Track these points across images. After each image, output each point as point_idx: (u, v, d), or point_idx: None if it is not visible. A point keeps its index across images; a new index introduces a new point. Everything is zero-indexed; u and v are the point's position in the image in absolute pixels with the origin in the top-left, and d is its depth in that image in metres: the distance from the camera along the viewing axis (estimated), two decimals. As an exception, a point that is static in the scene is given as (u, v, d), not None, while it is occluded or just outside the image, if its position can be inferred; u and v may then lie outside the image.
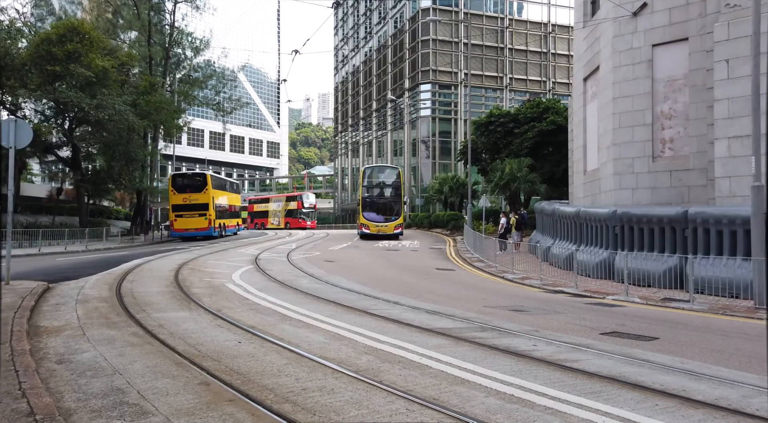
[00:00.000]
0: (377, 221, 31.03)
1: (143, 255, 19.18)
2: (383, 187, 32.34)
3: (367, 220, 31.18)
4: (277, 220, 61.08)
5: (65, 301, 9.11)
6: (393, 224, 31.18)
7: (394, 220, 31.34)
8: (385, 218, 31.24)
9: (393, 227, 31.13)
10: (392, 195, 32.00)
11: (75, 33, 25.29)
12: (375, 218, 31.22)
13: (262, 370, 5.14)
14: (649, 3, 15.44)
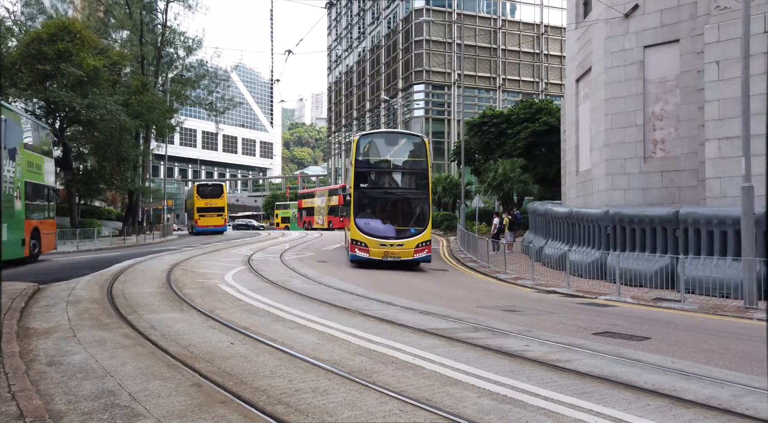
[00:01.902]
0: (385, 236, 16.50)
1: (135, 255, 19.06)
2: (395, 172, 17.63)
3: (364, 234, 16.43)
4: (321, 219, 52.35)
5: (56, 302, 9.03)
6: (413, 241, 16.44)
7: (416, 235, 16.55)
8: (398, 231, 16.77)
9: (414, 247, 16.41)
10: (413, 186, 17.14)
11: (66, 32, 25.10)
12: (379, 230, 16.60)
13: (254, 372, 5.12)
14: (641, 5, 15.55)
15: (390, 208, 17.32)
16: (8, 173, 14.28)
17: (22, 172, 15.31)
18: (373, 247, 16.29)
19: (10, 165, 14.43)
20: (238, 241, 30.62)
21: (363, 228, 16.50)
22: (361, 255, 16.44)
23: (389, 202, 17.29)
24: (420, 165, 17.12)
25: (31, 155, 16.22)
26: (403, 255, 16.39)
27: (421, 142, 17.38)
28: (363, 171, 17.02)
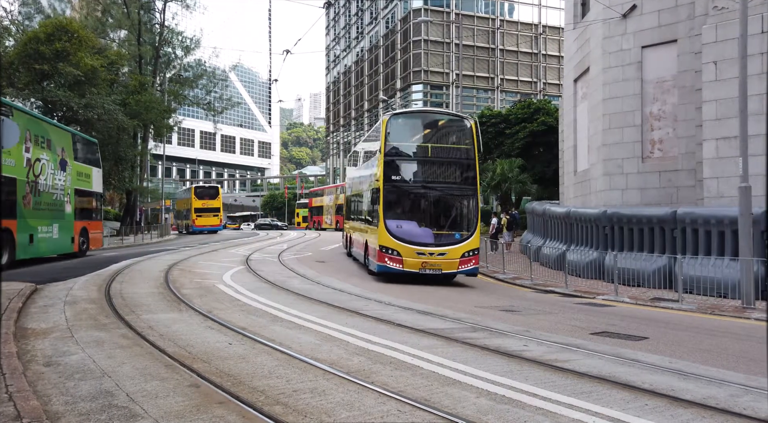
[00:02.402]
0: (423, 243, 12.94)
1: (133, 255, 19.03)
2: (436, 162, 13.82)
3: (396, 240, 12.91)
4: (330, 218, 50.81)
5: (53, 302, 9.01)
6: (459, 249, 12.95)
7: (461, 241, 13.08)
8: (438, 236, 13.19)
9: (459, 257, 12.91)
10: (457, 180, 13.58)
11: (63, 32, 25.02)
12: (416, 235, 13.08)
13: (252, 372, 5.11)
14: (639, 5, 15.57)
15: (429, 206, 13.50)
16: (60, 181, 16.99)
17: (71, 180, 17.99)
18: (407, 256, 12.52)
19: (61, 174, 17.11)
20: (236, 241, 30.60)
21: (395, 232, 12.64)
22: (392, 266, 12.58)
23: (428, 199, 13.42)
24: (466, 153, 13.33)
25: (79, 166, 18.80)
26: (446, 267, 12.57)
27: (467, 125, 13.34)
28: (394, 160, 13.27)
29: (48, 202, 16.22)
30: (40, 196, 15.62)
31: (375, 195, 13.56)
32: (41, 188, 15.67)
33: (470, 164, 13.36)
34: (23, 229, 14.57)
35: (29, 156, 14.96)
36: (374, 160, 14.27)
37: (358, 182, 17.96)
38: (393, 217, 13.06)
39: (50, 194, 16.34)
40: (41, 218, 15.77)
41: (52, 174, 16.41)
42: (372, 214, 13.96)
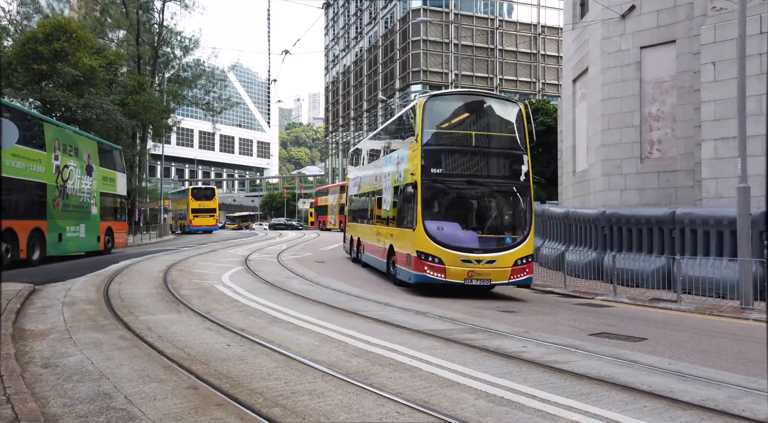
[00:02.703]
0: (468, 248, 10.86)
1: (131, 256, 19.01)
2: (482, 153, 11.68)
3: (438, 245, 10.83)
4: (333, 218, 49.77)
5: (51, 303, 8.99)
6: (511, 256, 10.94)
7: (513, 246, 11.09)
8: (485, 240, 11.25)
9: (511, 265, 10.90)
10: (507, 174, 11.61)
11: (62, 32, 24.99)
12: (461, 239, 11.03)
13: (251, 374, 5.11)
14: (637, 5, 15.58)
15: (475, 205, 11.69)
16: (86, 185, 18.76)
17: (97, 184, 19.82)
18: (451, 264, 10.54)
19: (87, 179, 18.88)
20: (235, 242, 30.58)
21: (436, 235, 10.70)
22: (433, 276, 10.65)
23: (474, 196, 11.53)
24: (516, 143, 11.43)
25: (105, 171, 20.67)
26: (496, 277, 10.68)
27: (517, 111, 11.57)
28: (434, 150, 11.15)
29: (75, 204, 17.91)
30: (68, 199, 17.30)
31: (409, 192, 11.39)
32: (69, 192, 17.40)
33: (521, 155, 11.42)
34: (53, 228, 16.31)
35: (58, 163, 16.75)
36: (402, 152, 12.47)
37: (371, 179, 15.77)
38: (433, 218, 11.00)
39: (77, 197, 18.08)
40: (69, 219, 17.44)
41: (79, 179, 18.20)
42: (402, 214, 11.90)
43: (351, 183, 19.64)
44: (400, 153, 12.69)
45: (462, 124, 12.10)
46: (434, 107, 11.78)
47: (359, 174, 18.02)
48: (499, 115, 12.03)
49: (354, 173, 19.36)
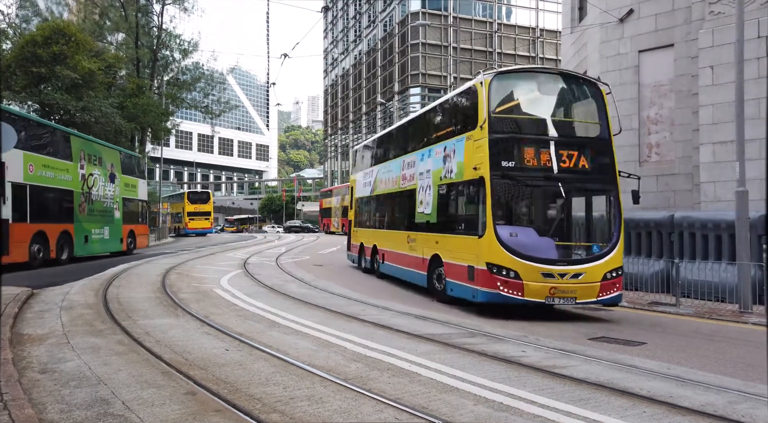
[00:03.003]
0: (550, 259, 8.91)
1: (130, 259, 18.97)
2: (559, 143, 9.30)
3: (513, 255, 8.73)
4: (337, 221, 48.40)
5: (49, 307, 8.97)
6: (599, 268, 8.90)
7: (601, 256, 9.04)
8: (566, 249, 9.51)
9: (599, 279, 8.85)
10: (589, 169, 9.38)
11: (61, 35, 25.00)
12: (539, 248, 9.02)
13: (249, 379, 5.09)
14: (636, 10, 15.63)
15: (553, 206, 9.99)
16: (109, 192, 20.45)
17: (120, 191, 21.45)
18: (530, 278, 8.59)
19: (110, 186, 20.57)
20: (233, 245, 30.55)
21: (510, 243, 8.75)
22: (508, 294, 8.65)
23: (553, 196, 9.74)
24: (601, 131, 9.56)
25: (127, 178, 22.37)
26: (582, 294, 8.76)
27: (598, 93, 9.65)
28: (505, 139, 9.24)
29: (100, 209, 19.61)
30: (93, 205, 18.99)
31: (469, 191, 9.49)
32: (94, 198, 19.10)
33: (606, 147, 9.49)
34: (79, 231, 18.02)
35: (83, 172, 18.44)
36: (451, 143, 10.32)
37: (393, 178, 13.80)
38: (505, 222, 9.12)
39: (101, 203, 19.77)
40: (94, 223, 19.14)
41: (102, 186, 19.86)
42: (458, 217, 9.97)
43: (359, 184, 17.38)
44: (448, 145, 10.53)
45: (536, 107, 10.04)
46: (502, 86, 9.70)
47: (373, 173, 15.89)
48: (580, 96, 10.08)
49: (363, 173, 17.15)
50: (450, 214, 10.57)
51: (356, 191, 17.77)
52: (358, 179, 17.69)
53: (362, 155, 18.06)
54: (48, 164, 16.20)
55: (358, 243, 17.13)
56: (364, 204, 16.93)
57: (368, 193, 16.22)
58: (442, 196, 10.79)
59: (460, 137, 10.13)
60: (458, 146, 10.14)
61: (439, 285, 10.71)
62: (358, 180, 17.66)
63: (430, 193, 11.27)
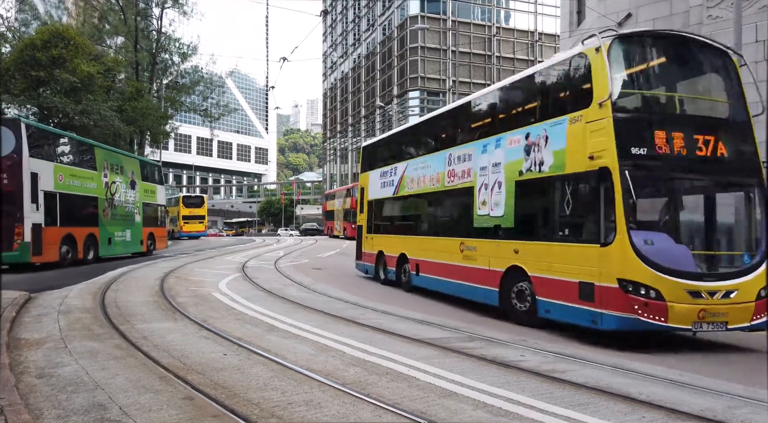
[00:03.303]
0: (697, 274, 7.03)
1: (128, 263, 18.94)
2: (697, 128, 7.49)
3: (655, 270, 6.80)
4: (339, 225, 46.34)
5: (47, 311, 8.94)
6: (753, 284, 7.00)
7: (753, 269, 7.10)
8: (712, 261, 7.63)
9: (754, 298, 6.98)
10: (733, 160, 7.57)
11: (60, 38, 25.02)
12: (683, 260, 7.07)
13: (247, 384, 5.07)
14: (634, 14, 15.68)
15: (693, 206, 8.12)
16: (130, 197, 22.00)
17: (140, 196, 22.89)
18: (674, 298, 6.81)
19: (131, 192, 22.07)
20: (232, 248, 30.51)
21: (649, 254, 6.92)
22: (649, 320, 6.80)
23: (687, 192, 8.18)
24: (734, 111, 7.90)
25: (146, 185, 24.04)
26: (735, 317, 6.97)
27: (731, 64, 8.00)
28: (635, 119, 7.60)
29: (122, 213, 21.20)
30: (115, 210, 20.60)
31: (583, 187, 7.68)
32: (116, 203, 20.66)
33: (746, 129, 7.74)
34: (103, 234, 19.55)
35: (107, 180, 19.99)
36: (543, 128, 8.43)
37: (433, 175, 11.91)
38: (638, 227, 7.12)
39: (123, 208, 21.34)
40: (117, 226, 20.77)
41: (124, 192, 21.40)
42: (576, 219, 7.84)
43: (373, 184, 15.25)
44: (533, 131, 8.68)
45: (665, 80, 8.34)
46: (624, 53, 7.82)
47: (396, 171, 13.82)
48: (714, 67, 8.24)
49: (379, 172, 14.92)
50: (540, 216, 8.82)
51: (369, 192, 15.49)
52: (372, 179, 15.43)
53: (376, 152, 16.14)
54: (75, 174, 17.91)
55: (374, 251, 14.87)
56: (384, 206, 14.78)
57: (390, 193, 14.05)
58: (524, 194, 8.90)
59: (557, 120, 8.15)
60: (554, 131, 8.16)
61: (521, 304, 8.78)
62: (372, 180, 15.40)
63: (501, 192, 9.35)
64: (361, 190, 16.28)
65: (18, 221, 14.76)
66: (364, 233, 15.87)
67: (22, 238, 14.81)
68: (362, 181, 16.35)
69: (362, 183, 16.32)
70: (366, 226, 15.75)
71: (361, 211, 16.17)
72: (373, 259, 15.00)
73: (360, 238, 16.17)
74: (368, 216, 15.69)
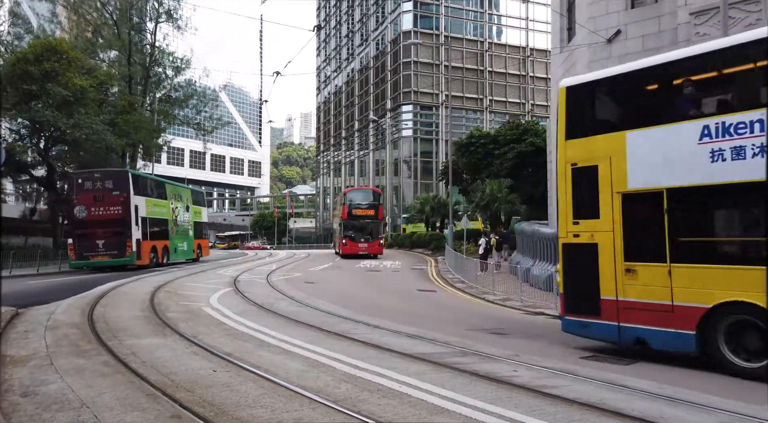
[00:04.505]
0: None
1: (119, 277, 18.74)
2: None
3: None
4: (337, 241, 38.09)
5: (34, 327, 8.81)
6: None
7: None
8: None
9: None
10: None
11: (53, 52, 25.01)
12: None
13: (237, 401, 5.00)
14: (623, 31, 15.90)
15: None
16: (186, 218, 29.00)
17: (191, 217, 29.91)
18: None
19: (186, 214, 29.02)
20: (224, 262, 30.31)
21: None
22: None
23: None
24: None
25: (195, 208, 30.95)
26: None
27: None
28: None
29: (182, 230, 28.27)
30: (178, 227, 27.58)
31: None
32: (179, 223, 27.76)
33: None
34: (172, 245, 26.45)
35: (173, 206, 26.82)
36: None
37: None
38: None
39: (182, 226, 28.36)
40: (179, 239, 27.73)
41: (182, 214, 28.33)
42: None
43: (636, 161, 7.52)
44: None
45: None
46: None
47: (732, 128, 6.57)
48: None
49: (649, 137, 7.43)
50: None
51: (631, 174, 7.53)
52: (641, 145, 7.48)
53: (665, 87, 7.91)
54: (156, 204, 24.83)
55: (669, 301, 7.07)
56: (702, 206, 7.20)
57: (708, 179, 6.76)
58: None
59: None
60: None
61: None
62: (640, 147, 7.48)
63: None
64: (580, 172, 8.40)
65: (128, 237, 21.76)
66: (605, 259, 7.72)
67: (132, 248, 21.83)
68: (589, 151, 8.25)
69: (587, 155, 8.29)
70: (617, 246, 7.58)
71: (595, 216, 7.97)
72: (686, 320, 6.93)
73: (589, 269, 7.94)
74: (626, 225, 7.57)
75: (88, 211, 21.74)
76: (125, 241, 21.63)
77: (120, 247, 21.56)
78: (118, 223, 21.60)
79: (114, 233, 21.59)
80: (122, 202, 21.83)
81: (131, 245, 21.76)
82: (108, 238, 21.52)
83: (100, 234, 21.52)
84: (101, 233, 21.52)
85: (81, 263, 22.02)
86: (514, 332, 9.70)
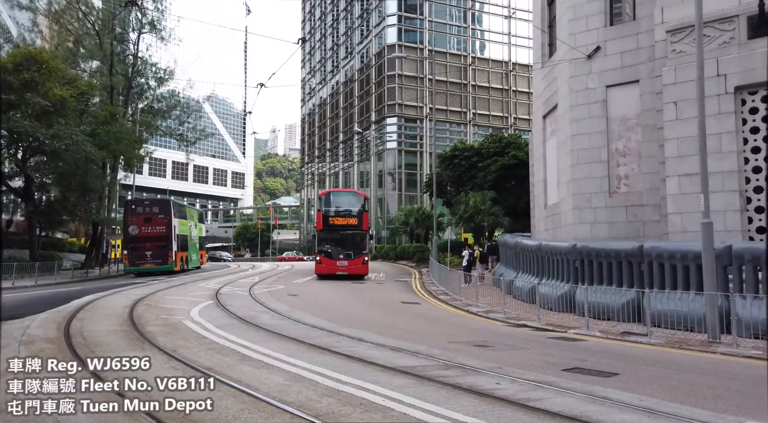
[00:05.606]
0: None
1: (97, 290, 18.38)
2: None
3: None
4: None
5: (8, 342, 8.57)
6: None
7: None
8: None
9: None
10: None
11: (32, 62, 24.67)
12: None
13: (216, 417, 4.91)
14: (603, 47, 16.25)
15: None
16: (195, 233, 34.73)
17: (197, 232, 35.78)
18: None
19: (195, 231, 34.82)
20: (205, 275, 29.93)
21: None
22: None
23: None
24: None
25: (200, 225, 37.68)
26: None
27: None
28: None
29: (193, 244, 34.08)
30: (191, 241, 33.45)
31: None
32: (192, 238, 33.55)
33: None
34: (189, 255, 32.65)
35: (190, 224, 32.93)
36: None
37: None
38: None
39: (194, 240, 34.18)
40: (192, 251, 33.59)
41: (193, 231, 34.18)
42: None
43: None
44: None
45: None
46: None
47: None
48: None
49: None
50: None
51: None
52: None
53: None
54: (182, 223, 30.80)
55: None
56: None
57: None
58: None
59: None
60: None
61: None
62: None
63: None
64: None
65: (170, 249, 28.32)
66: None
67: (172, 258, 28.40)
68: None
69: None
70: None
71: None
72: None
73: None
74: None
75: (139, 229, 28.04)
76: (167, 252, 28.31)
77: (163, 256, 28.16)
78: (162, 239, 28.09)
79: (159, 247, 28.01)
80: (166, 223, 28.52)
81: (172, 255, 28.50)
82: (154, 250, 27.92)
83: (148, 247, 27.87)
84: (149, 246, 27.90)
85: (133, 269, 28.03)
86: (497, 344, 9.72)
